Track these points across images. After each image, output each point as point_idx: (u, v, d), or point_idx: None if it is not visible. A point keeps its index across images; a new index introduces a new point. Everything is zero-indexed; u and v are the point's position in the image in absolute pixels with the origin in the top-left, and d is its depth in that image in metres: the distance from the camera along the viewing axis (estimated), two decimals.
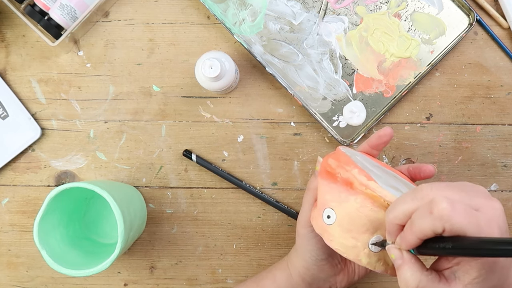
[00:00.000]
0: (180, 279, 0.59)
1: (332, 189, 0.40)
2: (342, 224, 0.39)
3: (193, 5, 0.59)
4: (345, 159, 0.40)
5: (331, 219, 0.39)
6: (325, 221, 0.40)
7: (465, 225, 0.30)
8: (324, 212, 0.40)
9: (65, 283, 0.59)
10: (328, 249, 0.45)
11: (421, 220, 0.31)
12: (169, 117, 0.59)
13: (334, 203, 0.40)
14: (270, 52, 0.58)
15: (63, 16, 0.55)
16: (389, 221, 0.34)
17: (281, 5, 0.58)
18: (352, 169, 0.39)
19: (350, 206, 0.39)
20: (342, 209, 0.39)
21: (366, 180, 0.38)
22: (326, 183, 0.41)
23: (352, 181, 0.39)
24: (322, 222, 0.40)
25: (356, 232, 0.39)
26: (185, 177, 0.59)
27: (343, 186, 0.40)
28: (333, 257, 0.46)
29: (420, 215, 0.31)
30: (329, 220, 0.40)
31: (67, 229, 0.53)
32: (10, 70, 0.59)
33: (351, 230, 0.39)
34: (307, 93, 0.57)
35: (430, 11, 0.57)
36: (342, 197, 0.39)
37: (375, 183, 0.38)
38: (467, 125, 0.58)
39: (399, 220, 0.34)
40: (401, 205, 0.33)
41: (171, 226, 0.59)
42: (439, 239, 0.31)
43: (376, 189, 0.38)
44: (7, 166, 0.59)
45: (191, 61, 0.59)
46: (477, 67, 0.58)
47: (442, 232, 0.31)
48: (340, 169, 0.40)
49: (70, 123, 0.59)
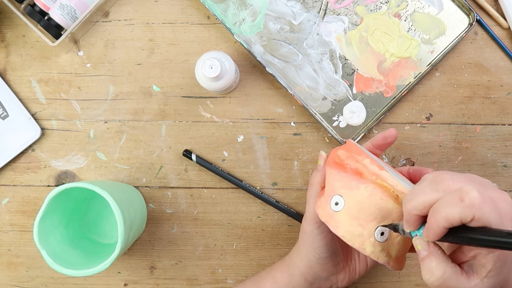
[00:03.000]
0: (180, 279, 0.59)
1: (342, 177, 0.40)
2: (350, 211, 0.39)
3: (193, 5, 0.59)
4: (356, 149, 0.41)
5: (339, 206, 0.39)
6: (333, 208, 0.40)
7: (492, 215, 0.31)
8: (332, 199, 0.40)
9: (65, 283, 0.59)
10: (332, 246, 0.45)
11: (449, 208, 0.31)
12: (169, 117, 0.59)
13: (344, 190, 0.40)
14: (270, 52, 0.58)
15: (63, 16, 0.55)
16: (407, 211, 0.34)
17: (281, 5, 0.58)
18: (363, 159, 0.40)
19: (360, 193, 0.39)
20: (351, 196, 0.39)
21: (378, 170, 0.39)
22: (336, 171, 0.41)
23: (362, 171, 0.39)
24: (329, 209, 0.40)
25: (363, 220, 0.39)
26: (185, 177, 0.59)
27: (353, 175, 0.40)
28: (336, 255, 0.47)
29: (448, 204, 0.31)
30: (337, 207, 0.40)
31: (67, 229, 0.53)
32: (10, 70, 0.59)
33: (359, 218, 0.39)
34: (307, 93, 0.57)
35: (430, 11, 0.57)
36: (352, 184, 0.39)
37: (387, 173, 0.39)
38: (467, 125, 0.58)
39: (418, 211, 0.34)
40: (420, 196, 0.33)
41: (171, 226, 0.59)
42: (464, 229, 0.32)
43: (387, 179, 0.38)
44: (7, 166, 0.59)
45: (191, 61, 0.59)
46: (477, 67, 0.58)
47: (471, 221, 0.31)
48: (350, 160, 0.40)
49: (70, 123, 0.59)
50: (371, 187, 0.39)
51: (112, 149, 0.59)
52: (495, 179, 0.58)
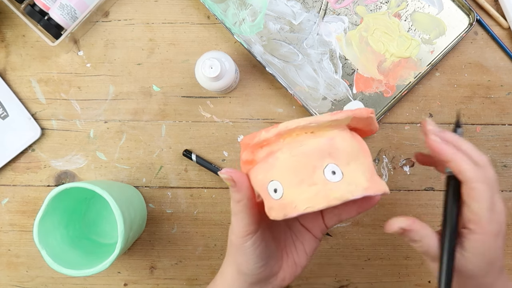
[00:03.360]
0: (180, 279, 0.59)
1: (259, 169, 0.36)
2: (291, 184, 0.34)
3: (193, 5, 0.59)
4: (249, 138, 0.37)
5: (279, 190, 0.34)
6: (276, 197, 0.35)
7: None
8: (270, 192, 0.35)
9: (65, 283, 0.59)
10: (266, 253, 0.41)
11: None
12: (169, 117, 0.59)
13: (269, 173, 0.35)
14: (270, 52, 0.58)
15: (63, 16, 0.55)
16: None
17: (281, 5, 0.58)
18: (258, 135, 0.35)
19: (282, 162, 0.34)
20: (278, 173, 0.34)
21: (274, 129, 0.35)
22: (254, 172, 0.37)
23: (266, 145, 0.36)
24: (275, 202, 0.35)
25: (307, 177, 0.34)
26: (185, 177, 0.59)
27: (265, 158, 0.36)
28: (271, 259, 0.42)
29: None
30: (278, 192, 0.34)
31: (67, 229, 0.53)
32: (10, 70, 0.59)
33: (303, 180, 0.34)
34: (307, 93, 0.57)
35: (430, 11, 0.57)
36: (271, 162, 0.35)
37: (283, 123, 0.35)
38: (467, 125, 0.58)
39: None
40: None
41: (171, 226, 0.59)
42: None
43: (288, 126, 0.34)
44: (7, 166, 0.59)
45: (191, 61, 0.58)
46: (477, 67, 0.58)
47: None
48: (252, 150, 0.37)
49: (70, 123, 0.59)
50: (285, 148, 0.34)
51: (112, 149, 0.59)
52: None
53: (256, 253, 0.40)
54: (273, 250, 0.42)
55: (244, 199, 0.37)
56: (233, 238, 0.40)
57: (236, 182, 0.37)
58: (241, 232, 0.39)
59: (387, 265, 0.58)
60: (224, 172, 0.37)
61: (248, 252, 0.39)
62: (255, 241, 0.39)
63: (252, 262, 0.40)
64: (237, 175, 0.37)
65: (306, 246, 0.44)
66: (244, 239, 0.39)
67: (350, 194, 0.33)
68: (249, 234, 0.39)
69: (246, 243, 0.39)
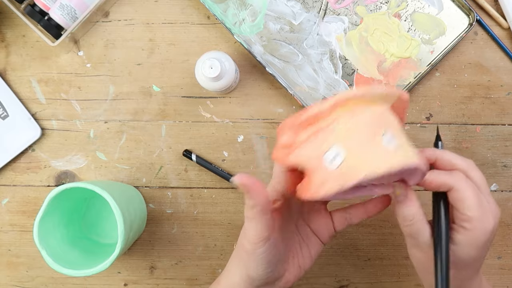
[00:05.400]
0: (180, 279, 0.59)
1: (310, 144, 0.34)
2: (354, 148, 0.32)
3: (193, 5, 0.59)
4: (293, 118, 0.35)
5: (339, 156, 0.32)
6: (334, 167, 0.32)
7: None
8: (327, 162, 0.33)
9: (65, 283, 0.59)
10: (275, 257, 0.41)
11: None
12: (169, 117, 0.59)
13: (326, 142, 0.33)
14: (270, 52, 0.58)
15: (63, 16, 0.55)
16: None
17: (281, 5, 0.58)
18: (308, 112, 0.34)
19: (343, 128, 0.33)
20: (340, 137, 0.33)
21: (330, 100, 0.33)
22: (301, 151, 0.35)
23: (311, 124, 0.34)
24: (332, 172, 0.33)
25: (369, 143, 0.32)
26: (185, 177, 0.59)
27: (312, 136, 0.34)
28: (279, 263, 0.42)
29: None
30: (337, 159, 0.32)
31: (67, 229, 0.53)
32: (10, 70, 0.59)
33: (365, 145, 0.32)
34: (307, 93, 0.57)
35: (430, 11, 0.57)
36: (330, 129, 0.33)
37: (336, 95, 0.33)
38: (467, 125, 0.58)
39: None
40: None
41: (171, 226, 0.59)
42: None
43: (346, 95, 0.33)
44: (7, 166, 0.59)
45: (191, 61, 0.59)
46: (477, 67, 0.58)
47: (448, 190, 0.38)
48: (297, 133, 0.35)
49: (70, 123, 0.59)
50: (342, 118, 0.33)
51: (112, 149, 0.59)
52: (495, 179, 0.58)
53: (268, 259, 0.40)
54: (282, 254, 0.42)
55: (258, 205, 0.36)
56: (245, 243, 0.39)
57: (250, 188, 0.36)
58: (255, 238, 0.38)
59: (387, 265, 0.58)
60: (237, 178, 0.35)
61: (259, 258, 0.39)
62: (268, 248, 0.39)
63: (262, 268, 0.40)
64: (251, 181, 0.35)
65: (311, 250, 0.45)
66: (257, 245, 0.39)
67: (410, 161, 0.32)
68: (262, 241, 0.38)
69: (259, 249, 0.39)
